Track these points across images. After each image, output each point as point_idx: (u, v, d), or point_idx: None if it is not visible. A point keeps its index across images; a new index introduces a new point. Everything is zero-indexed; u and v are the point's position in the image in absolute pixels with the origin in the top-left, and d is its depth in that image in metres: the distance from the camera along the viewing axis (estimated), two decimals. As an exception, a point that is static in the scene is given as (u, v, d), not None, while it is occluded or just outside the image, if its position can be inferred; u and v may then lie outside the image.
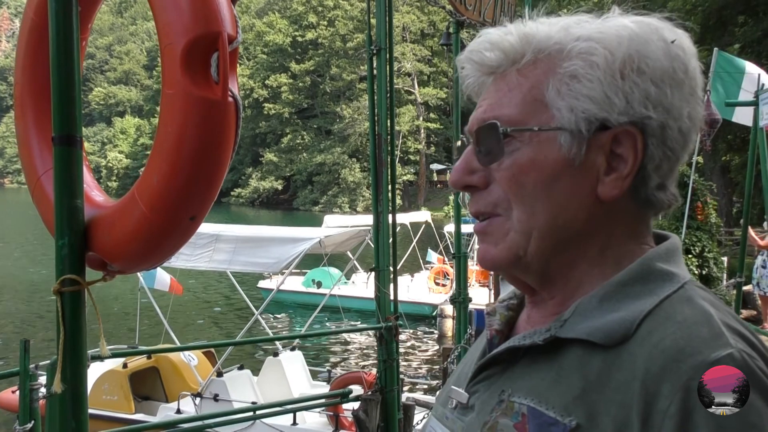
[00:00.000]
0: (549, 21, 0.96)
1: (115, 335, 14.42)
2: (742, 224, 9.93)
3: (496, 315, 1.07)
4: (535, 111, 0.92)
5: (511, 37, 0.94)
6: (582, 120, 0.90)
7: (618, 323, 0.85)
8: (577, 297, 0.93)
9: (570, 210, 0.92)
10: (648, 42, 0.90)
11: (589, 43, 0.91)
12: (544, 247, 0.93)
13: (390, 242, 5.44)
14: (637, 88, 0.88)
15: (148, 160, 1.64)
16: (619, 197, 0.91)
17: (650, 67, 0.89)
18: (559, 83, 0.91)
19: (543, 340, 0.90)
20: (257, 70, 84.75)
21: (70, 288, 1.71)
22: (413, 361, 15.17)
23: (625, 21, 0.92)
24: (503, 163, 0.93)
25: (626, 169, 0.90)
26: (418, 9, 71.78)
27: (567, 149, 0.90)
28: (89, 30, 1.98)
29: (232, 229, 9.71)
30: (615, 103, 0.89)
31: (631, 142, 0.90)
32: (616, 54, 0.89)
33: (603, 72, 0.89)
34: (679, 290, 0.88)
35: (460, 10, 5.99)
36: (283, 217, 63.28)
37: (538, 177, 0.91)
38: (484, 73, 0.99)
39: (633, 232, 0.95)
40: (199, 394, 8.38)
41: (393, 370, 5.30)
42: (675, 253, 0.95)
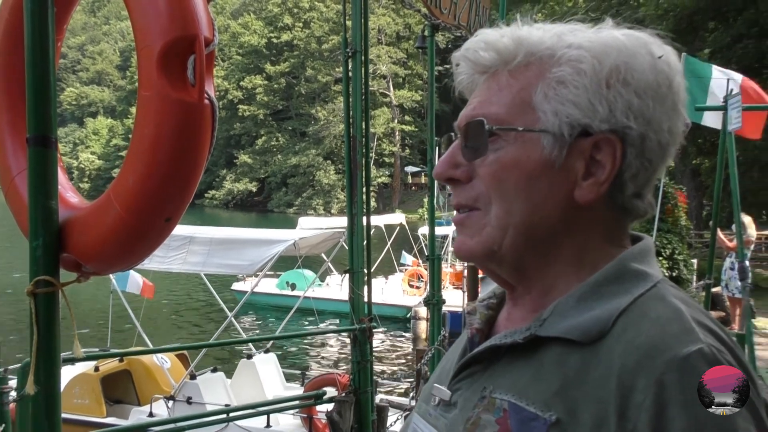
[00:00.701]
0: (543, 27, 0.99)
1: (87, 338, 14.26)
2: (711, 227, 10.07)
3: (476, 314, 1.10)
4: (521, 112, 0.95)
5: (506, 39, 0.98)
6: (565, 124, 0.93)
7: (595, 321, 0.88)
8: (553, 295, 0.96)
9: (546, 210, 0.95)
10: (636, 55, 0.93)
11: (579, 51, 0.94)
12: (518, 243, 0.96)
13: (364, 244, 5.45)
14: (621, 98, 0.92)
15: (124, 161, 1.65)
16: (594, 202, 0.94)
17: (635, 79, 0.92)
18: (547, 87, 0.94)
19: (523, 339, 0.93)
20: (232, 71, 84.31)
21: (44, 289, 1.71)
22: (387, 363, 15.18)
23: (616, 33, 0.96)
24: (487, 159, 0.96)
25: (603, 175, 0.93)
26: (394, 11, 71.92)
27: (549, 151, 0.93)
28: (64, 31, 1.98)
29: (206, 231, 9.64)
30: (598, 111, 0.92)
31: (610, 150, 0.93)
32: (604, 63, 0.92)
33: (589, 80, 0.92)
34: (653, 289, 0.91)
35: (435, 14, 6.02)
36: (258, 219, 62.99)
37: (519, 175, 0.94)
38: (477, 72, 1.02)
39: (609, 236, 0.98)
40: (171, 397, 8.31)
41: (367, 372, 5.31)
42: (648, 254, 0.98)
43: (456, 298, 15.49)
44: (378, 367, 14.66)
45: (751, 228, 11.64)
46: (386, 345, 16.97)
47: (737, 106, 8.06)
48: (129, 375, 9.19)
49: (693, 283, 12.28)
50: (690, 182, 25.63)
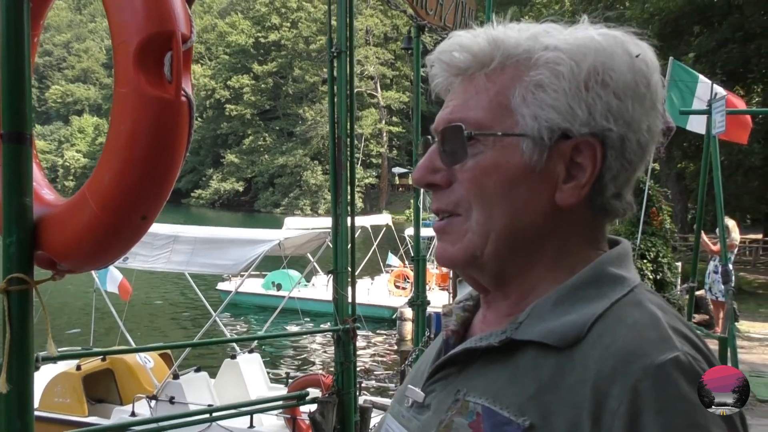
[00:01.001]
0: (519, 27, 0.97)
1: (70, 337, 14.16)
2: (695, 230, 10.13)
3: (452, 316, 1.09)
4: (500, 116, 0.94)
5: (480, 41, 0.96)
6: (545, 128, 0.92)
7: (571, 325, 0.88)
8: (531, 299, 0.95)
9: (527, 215, 0.94)
10: (613, 55, 0.92)
11: (556, 53, 0.92)
12: (500, 249, 0.95)
13: (349, 245, 5.44)
14: (600, 101, 0.91)
15: (100, 158, 1.63)
16: (575, 205, 0.93)
17: (614, 80, 0.91)
18: (524, 91, 0.93)
19: (499, 342, 0.92)
20: (219, 70, 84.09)
21: (18, 287, 1.69)
22: (372, 364, 15.17)
23: (593, 33, 0.94)
24: (466, 164, 0.95)
25: (584, 178, 0.93)
26: (382, 12, 71.96)
27: (528, 156, 0.92)
28: (41, 27, 1.96)
29: (191, 230, 9.60)
30: (578, 114, 0.91)
31: (590, 153, 0.92)
32: (582, 65, 0.91)
33: (568, 82, 0.91)
34: (629, 294, 0.91)
35: (420, 15, 6.02)
36: (244, 219, 62.82)
37: (499, 180, 0.93)
38: (452, 74, 1.00)
39: (588, 238, 0.97)
40: (154, 397, 8.25)
41: (350, 373, 5.30)
42: (626, 258, 0.97)
43: (442, 298, 15.54)
44: (363, 367, 14.65)
45: (735, 232, 11.71)
46: (372, 346, 16.95)
47: (721, 110, 8.12)
48: (111, 374, 9.12)
49: (677, 286, 12.34)
50: (675, 186, 25.78)
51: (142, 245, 8.54)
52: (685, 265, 14.27)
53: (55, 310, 17.97)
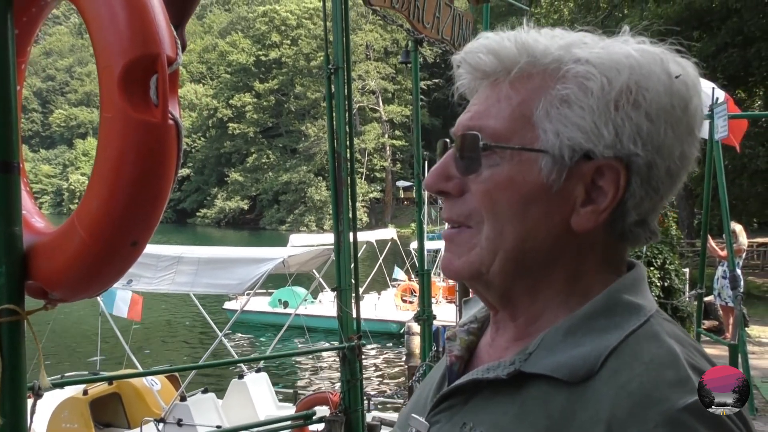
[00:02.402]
0: (553, 34, 0.92)
1: (76, 361, 14.12)
2: (702, 236, 10.08)
3: (456, 340, 1.04)
4: (521, 128, 0.89)
5: (508, 44, 0.91)
6: (566, 147, 0.87)
7: (582, 359, 0.83)
8: (541, 323, 0.91)
9: (539, 236, 0.89)
10: (650, 74, 0.87)
11: (587, 67, 0.87)
12: (507, 268, 0.91)
13: (352, 261, 5.41)
14: (629, 122, 0.85)
15: (88, 185, 1.60)
16: (592, 230, 0.88)
17: (647, 101, 0.86)
18: (549, 104, 0.88)
19: (507, 375, 0.87)
20: (221, 89, 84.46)
21: (9, 318, 1.66)
22: (381, 380, 15.09)
23: (630, 48, 0.89)
24: (480, 175, 0.90)
25: (604, 203, 0.87)
26: (381, 27, 72.23)
27: (546, 174, 0.87)
28: (28, 54, 1.93)
29: (194, 250, 9.60)
30: (603, 135, 0.86)
31: (613, 177, 0.87)
32: (614, 83, 0.86)
33: (596, 100, 0.86)
34: (645, 324, 0.86)
35: (418, 29, 6.02)
36: (250, 237, 62.88)
37: (513, 197, 0.89)
38: (477, 77, 0.95)
39: (604, 264, 0.92)
40: (162, 420, 8.22)
41: (357, 390, 5.26)
42: (641, 283, 0.93)
43: (449, 312, 15.47)
44: (372, 384, 14.58)
45: (742, 236, 11.61)
46: (380, 361, 16.88)
47: (723, 115, 8.10)
48: (118, 398, 9.08)
49: (685, 293, 12.27)
50: (680, 191, 25.60)
51: (146, 267, 8.55)
52: (693, 272, 14.21)
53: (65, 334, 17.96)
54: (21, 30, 1.81)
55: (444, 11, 6.26)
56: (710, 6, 21.32)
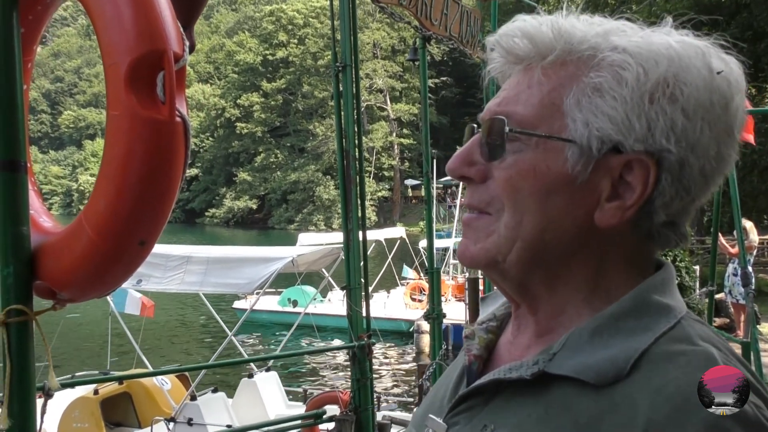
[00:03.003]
0: (592, 21, 0.90)
1: (87, 361, 14.17)
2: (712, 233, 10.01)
3: (474, 338, 1.01)
4: (549, 116, 0.87)
5: (545, 29, 0.88)
6: (595, 138, 0.84)
7: (610, 362, 0.80)
8: (561, 319, 0.89)
9: (560, 229, 0.87)
10: (689, 67, 0.83)
11: (623, 56, 0.84)
12: (524, 259, 0.88)
13: (361, 259, 5.40)
14: (664, 116, 0.82)
15: (95, 183, 1.59)
16: (615, 226, 0.85)
17: (685, 96, 0.82)
18: (581, 93, 0.85)
19: (531, 375, 0.84)
20: (228, 89, 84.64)
21: (17, 319, 1.65)
22: (391, 378, 15.08)
23: (670, 39, 0.86)
24: (504, 162, 0.88)
25: (631, 199, 0.84)
26: (388, 25, 72.17)
27: (572, 164, 0.85)
28: (34, 52, 1.92)
29: (203, 250, 9.61)
30: (634, 128, 0.83)
31: (643, 172, 0.84)
32: (650, 74, 0.83)
33: (630, 91, 0.83)
34: (676, 326, 0.83)
35: (425, 25, 5.99)
36: (259, 237, 62.98)
37: (535, 186, 0.86)
38: (510, 62, 0.93)
39: (630, 264, 0.89)
40: (172, 419, 8.23)
41: (367, 389, 5.23)
42: (670, 283, 0.90)
43: (458, 310, 15.44)
44: (382, 382, 14.57)
45: (753, 233, 11.54)
46: (390, 360, 16.87)
47: (734, 110, 8.05)
48: (129, 397, 9.10)
49: (696, 290, 12.21)
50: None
51: (155, 267, 8.57)
52: (703, 269, 14.14)
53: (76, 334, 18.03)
54: (27, 28, 1.80)
55: (452, 8, 6.23)
56: (719, 1, 21.20)
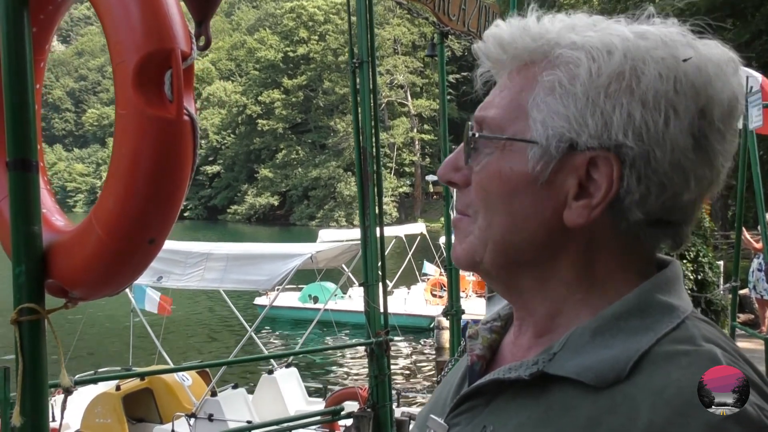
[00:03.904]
0: (559, 19, 0.88)
1: (109, 357, 14.31)
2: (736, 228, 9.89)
3: (478, 338, 1.00)
4: (515, 118, 0.86)
5: (513, 31, 0.88)
6: (552, 137, 0.83)
7: (611, 363, 0.78)
8: (561, 321, 0.87)
9: (527, 230, 0.86)
10: (647, 57, 0.80)
11: (576, 52, 0.82)
12: (498, 261, 0.89)
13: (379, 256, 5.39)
14: (620, 110, 0.79)
15: (104, 182, 1.60)
16: (584, 226, 0.83)
17: (643, 87, 0.79)
18: (539, 93, 0.84)
19: (529, 375, 0.83)
20: (250, 86, 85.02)
21: (29, 317, 1.66)
22: (411, 375, 15.08)
23: (627, 30, 0.83)
24: (479, 165, 0.89)
25: (597, 198, 0.82)
26: (409, 21, 72.03)
27: (533, 165, 0.84)
28: (47, 51, 1.93)
29: (223, 246, 9.65)
30: (588, 124, 0.80)
31: (607, 169, 0.81)
32: (604, 68, 0.80)
33: (583, 87, 0.81)
34: (680, 327, 0.80)
35: (443, 21, 5.97)
36: (280, 233, 63.19)
37: (501, 188, 0.86)
38: (491, 67, 0.93)
39: (624, 263, 0.86)
40: (193, 415, 8.27)
41: (385, 386, 5.24)
42: (675, 282, 0.87)
43: (479, 306, 15.39)
44: (402, 379, 14.57)
45: (778, 227, 11.37)
46: (410, 356, 16.87)
47: (758, 104, 7.92)
48: (150, 393, 9.17)
49: (720, 286, 12.06)
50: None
51: (176, 264, 8.62)
52: (727, 264, 13.93)
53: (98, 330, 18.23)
54: (39, 28, 1.81)
55: (470, 3, 6.20)
56: (743, -7, 20.93)
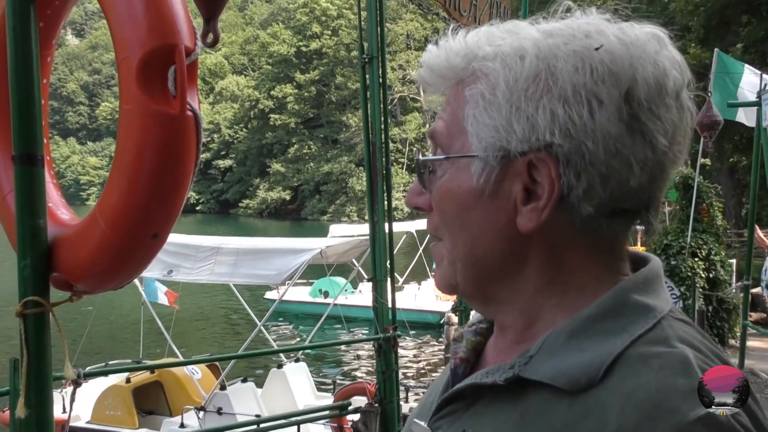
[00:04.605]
0: (476, 33, 0.88)
1: (120, 350, 14.39)
2: (749, 226, 9.84)
3: (462, 341, 1.00)
4: (457, 134, 0.87)
5: (438, 53, 0.89)
6: (488, 148, 0.83)
7: (583, 367, 0.78)
8: (539, 325, 0.86)
9: (487, 242, 0.86)
10: (558, 54, 0.80)
11: (491, 63, 0.83)
12: (468, 278, 0.89)
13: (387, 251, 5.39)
14: (543, 110, 0.79)
15: (108, 177, 1.60)
16: (537, 229, 0.83)
17: (560, 83, 0.79)
18: (470, 107, 0.85)
19: (504, 381, 0.82)
20: (262, 81, 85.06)
21: (33, 310, 1.67)
22: (420, 371, 15.09)
23: (534, 30, 0.83)
24: (435, 187, 0.89)
25: (543, 199, 0.82)
26: (422, 16, 71.84)
27: (477, 178, 0.84)
28: (54, 46, 1.94)
29: (233, 241, 9.68)
30: (515, 131, 0.81)
31: (546, 170, 0.81)
32: (518, 73, 0.81)
33: (503, 94, 0.81)
34: (655, 328, 0.79)
35: (454, 17, 5.95)
36: (292, 227, 63.32)
37: (454, 207, 0.87)
38: (432, 91, 0.93)
39: (592, 262, 0.85)
40: (202, 408, 8.33)
41: (392, 381, 5.24)
42: (654, 281, 0.86)
43: (488, 303, 15.35)
44: (411, 374, 14.59)
45: (791, 226, 11.31)
46: (420, 352, 16.87)
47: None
48: (160, 386, 9.23)
49: (732, 284, 12.00)
50: (727, 180, 25.14)
51: (186, 258, 8.66)
52: (740, 262, 13.87)
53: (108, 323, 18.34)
54: (45, 23, 1.82)
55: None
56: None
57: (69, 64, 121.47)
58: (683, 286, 10.91)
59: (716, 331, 11.27)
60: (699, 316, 9.78)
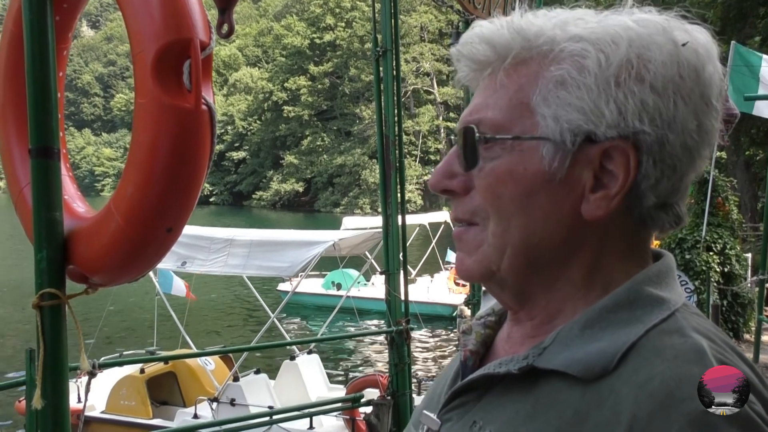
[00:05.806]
0: (548, 14, 0.87)
1: (134, 340, 14.49)
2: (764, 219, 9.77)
3: (471, 334, 0.99)
4: (520, 116, 0.84)
5: (504, 31, 0.86)
6: (567, 131, 0.81)
7: (597, 355, 0.78)
8: (559, 320, 0.86)
9: (548, 228, 0.84)
10: (651, 44, 0.81)
11: (581, 44, 0.82)
12: (518, 265, 0.86)
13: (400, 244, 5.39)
14: (633, 98, 0.80)
15: (123, 170, 1.61)
16: (604, 217, 0.83)
17: (652, 74, 0.80)
18: (545, 88, 0.83)
19: (518, 370, 0.83)
20: (276, 73, 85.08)
21: (50, 302, 1.69)
22: (433, 364, 15.10)
23: (627, 19, 0.83)
24: (483, 169, 0.86)
25: (615, 187, 0.82)
26: (436, 9, 71.54)
27: (548, 162, 0.82)
28: (70, 39, 1.95)
29: (246, 233, 9.70)
30: (605, 115, 0.80)
31: (623, 159, 0.81)
32: (612, 58, 0.80)
33: (594, 78, 0.80)
34: (669, 319, 0.80)
35: (468, 9, 5.93)
36: (305, 219, 63.39)
37: (515, 190, 0.84)
38: (476, 69, 0.90)
39: (626, 254, 0.86)
40: (215, 399, 8.38)
41: (405, 374, 5.25)
42: (667, 275, 0.86)
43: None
44: (425, 367, 14.61)
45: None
46: (433, 345, 16.88)
47: (788, 95, 7.80)
48: (174, 377, 9.30)
49: (747, 279, 11.92)
50: (743, 174, 24.90)
51: (200, 249, 8.70)
52: (755, 257, 13.75)
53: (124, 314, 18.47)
54: (62, 16, 1.83)
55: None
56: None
57: (84, 56, 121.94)
58: (698, 280, 10.84)
59: (731, 325, 11.21)
60: (713, 310, 9.72)
